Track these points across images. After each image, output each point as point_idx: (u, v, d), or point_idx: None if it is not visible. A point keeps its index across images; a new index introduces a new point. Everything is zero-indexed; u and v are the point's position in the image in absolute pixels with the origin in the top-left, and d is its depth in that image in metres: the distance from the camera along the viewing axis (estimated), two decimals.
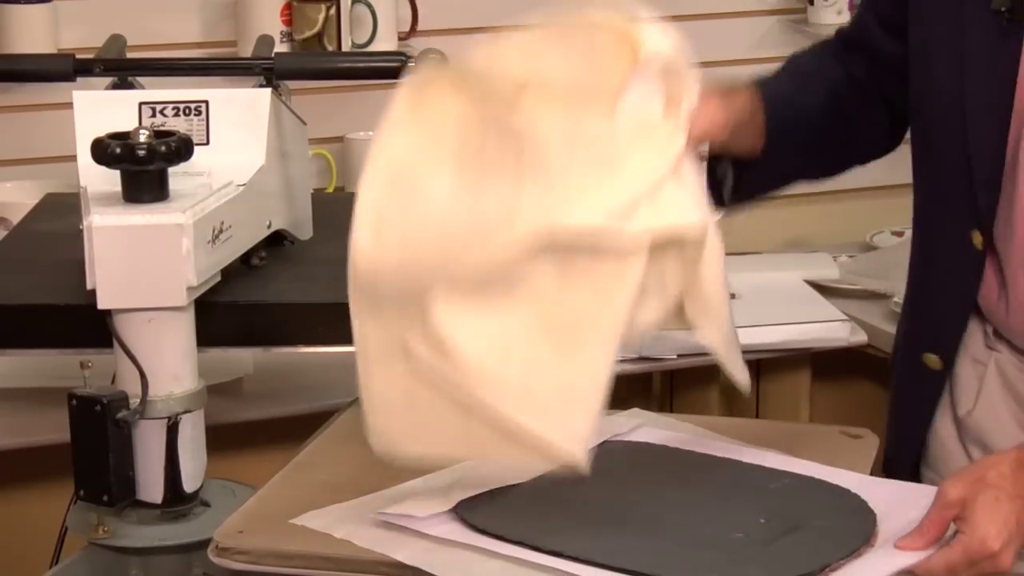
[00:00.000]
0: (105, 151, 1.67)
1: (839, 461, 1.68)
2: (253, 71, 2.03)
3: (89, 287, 1.66)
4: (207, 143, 1.85)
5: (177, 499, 1.75)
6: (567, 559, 1.46)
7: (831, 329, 2.55)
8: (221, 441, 1.85)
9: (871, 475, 1.67)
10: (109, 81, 1.98)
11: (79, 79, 2.00)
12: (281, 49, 2.69)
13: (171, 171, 1.70)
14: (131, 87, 1.96)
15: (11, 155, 2.72)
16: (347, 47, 2.77)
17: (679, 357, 2.46)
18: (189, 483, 1.75)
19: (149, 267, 1.66)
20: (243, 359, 2.28)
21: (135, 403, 1.69)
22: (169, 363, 1.70)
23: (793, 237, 3.03)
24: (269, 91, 1.91)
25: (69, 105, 1.86)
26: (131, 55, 2.11)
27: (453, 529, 1.52)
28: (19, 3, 2.65)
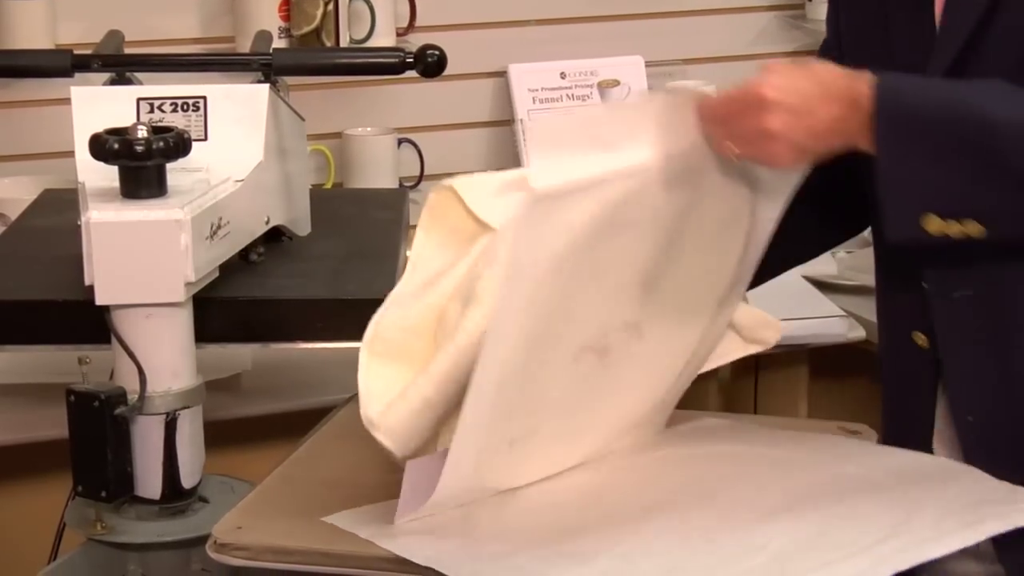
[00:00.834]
0: (103, 147, 1.67)
1: None
2: (251, 67, 2.03)
3: (87, 283, 1.66)
4: (205, 139, 1.85)
5: (175, 495, 1.75)
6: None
7: (829, 325, 2.55)
8: (219, 437, 1.85)
9: None
10: (107, 77, 1.98)
11: (77, 75, 2.00)
12: (279, 45, 2.69)
13: (169, 167, 1.69)
14: (129, 83, 1.96)
15: (9, 151, 2.72)
16: (345, 43, 2.77)
17: None
18: (187, 479, 1.75)
19: (147, 263, 1.66)
20: (241, 355, 2.28)
21: (133, 399, 1.69)
22: (167, 359, 1.70)
23: None
24: (267, 87, 1.91)
25: (67, 101, 1.86)
26: (129, 51, 2.10)
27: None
28: None
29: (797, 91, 1.48)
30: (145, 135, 1.67)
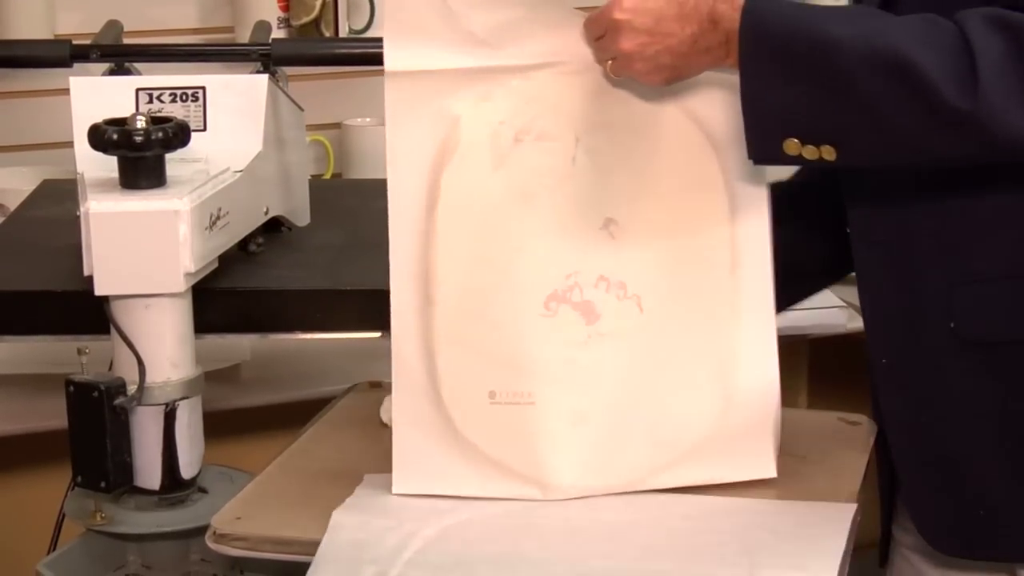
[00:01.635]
0: (102, 137, 1.67)
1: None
2: (250, 57, 2.03)
3: (86, 273, 1.66)
4: (204, 129, 1.84)
5: (175, 485, 1.74)
6: None
7: (829, 315, 2.54)
8: (219, 427, 1.85)
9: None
10: (106, 67, 1.98)
11: (76, 65, 2.00)
12: (278, 35, 2.69)
13: (168, 157, 1.69)
14: (128, 73, 1.96)
15: (8, 141, 2.72)
16: (344, 33, 2.77)
17: None
18: (187, 469, 1.75)
19: (146, 253, 1.66)
20: (241, 345, 2.28)
21: (132, 389, 1.69)
22: (167, 349, 1.70)
23: None
24: (266, 77, 1.91)
25: (66, 91, 1.85)
26: (128, 41, 2.10)
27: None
28: None
29: (648, 11, 1.50)
30: (144, 125, 1.67)
